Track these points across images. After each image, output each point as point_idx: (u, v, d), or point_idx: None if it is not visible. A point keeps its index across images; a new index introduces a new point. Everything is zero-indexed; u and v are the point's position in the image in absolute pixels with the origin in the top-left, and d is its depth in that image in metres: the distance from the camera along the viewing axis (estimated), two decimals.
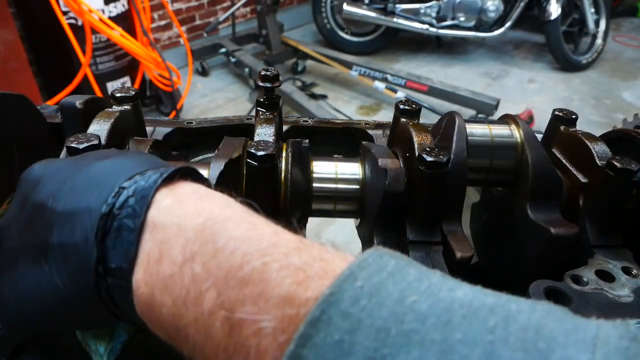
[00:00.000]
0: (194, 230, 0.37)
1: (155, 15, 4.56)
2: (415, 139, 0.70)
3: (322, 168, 0.75)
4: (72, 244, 0.39)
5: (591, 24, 4.95)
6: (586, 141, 0.71)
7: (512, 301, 0.30)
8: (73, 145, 0.61)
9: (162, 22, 4.72)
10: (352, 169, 0.75)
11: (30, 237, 0.42)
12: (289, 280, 0.33)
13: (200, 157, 0.95)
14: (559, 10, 4.65)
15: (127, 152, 0.50)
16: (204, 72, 4.87)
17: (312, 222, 0.78)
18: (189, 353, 0.36)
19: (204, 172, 0.63)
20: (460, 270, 0.64)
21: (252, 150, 0.64)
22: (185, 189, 0.42)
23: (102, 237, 0.38)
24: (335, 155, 0.91)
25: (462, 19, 4.83)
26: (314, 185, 0.74)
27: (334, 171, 0.75)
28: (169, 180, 0.41)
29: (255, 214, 0.41)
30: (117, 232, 0.38)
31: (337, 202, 0.76)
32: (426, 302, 0.29)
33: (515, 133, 0.75)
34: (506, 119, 0.78)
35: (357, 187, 0.74)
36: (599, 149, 0.70)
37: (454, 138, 0.69)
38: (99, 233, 0.38)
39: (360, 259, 0.32)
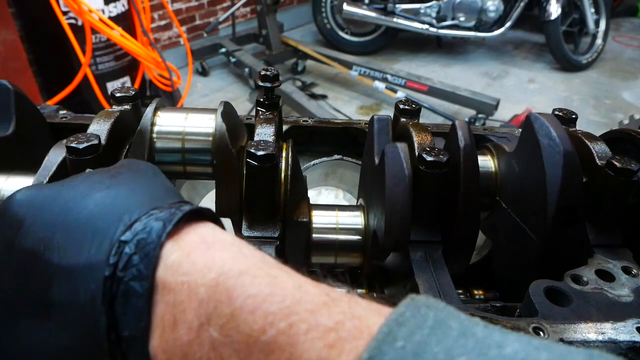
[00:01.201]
0: (207, 288, 0.34)
1: (155, 15, 4.55)
2: (415, 139, 0.71)
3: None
4: (76, 304, 0.37)
5: (591, 24, 4.95)
6: (586, 141, 0.71)
7: (569, 356, 0.27)
8: (73, 145, 0.61)
9: (162, 22, 4.72)
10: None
11: (26, 291, 0.39)
12: (319, 344, 0.29)
13: None
14: (559, 10, 4.65)
15: (121, 172, 0.45)
16: (204, 72, 4.87)
17: None
18: None
19: None
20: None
21: (252, 150, 0.63)
22: (192, 238, 0.38)
23: (109, 302, 0.36)
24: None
25: (462, 19, 4.83)
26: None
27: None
28: (173, 228, 0.38)
29: (272, 261, 0.37)
30: (125, 297, 0.35)
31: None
32: None
33: (490, 163, 0.76)
34: (483, 150, 0.80)
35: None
36: (599, 149, 0.70)
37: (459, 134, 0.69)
38: (106, 298, 0.35)
39: (397, 313, 0.29)
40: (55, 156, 0.65)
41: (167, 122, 0.72)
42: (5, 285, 0.40)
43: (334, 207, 0.80)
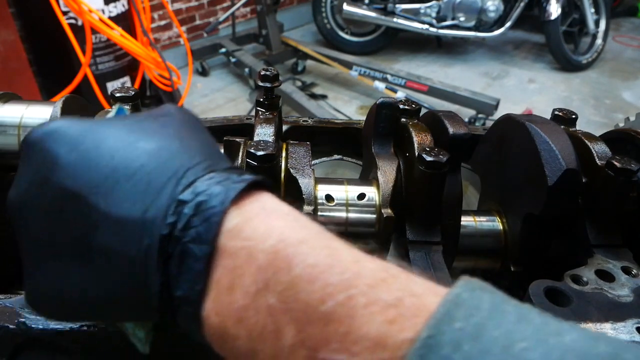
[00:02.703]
0: (266, 254, 0.34)
1: (155, 15, 4.55)
2: (415, 139, 0.70)
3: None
4: (125, 255, 0.36)
5: (591, 24, 4.95)
6: (586, 141, 0.71)
7: (626, 349, 0.26)
8: None
9: (162, 22, 4.72)
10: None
11: (63, 231, 0.38)
12: (379, 319, 0.29)
13: None
14: (559, 10, 4.65)
15: (168, 122, 0.43)
16: (204, 72, 4.87)
17: None
18: None
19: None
20: None
21: (252, 150, 0.63)
22: (253, 205, 0.37)
23: (164, 260, 0.35)
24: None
25: (462, 19, 4.83)
26: None
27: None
28: (236, 196, 0.37)
29: (329, 234, 0.36)
30: (181, 258, 0.35)
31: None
32: (537, 351, 0.25)
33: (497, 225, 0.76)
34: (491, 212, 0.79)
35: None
36: (599, 149, 0.70)
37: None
38: (162, 257, 0.35)
39: (454, 294, 0.29)
40: None
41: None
42: (38, 220, 0.39)
43: (342, 181, 0.77)
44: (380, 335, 0.28)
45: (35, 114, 0.72)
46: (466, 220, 0.76)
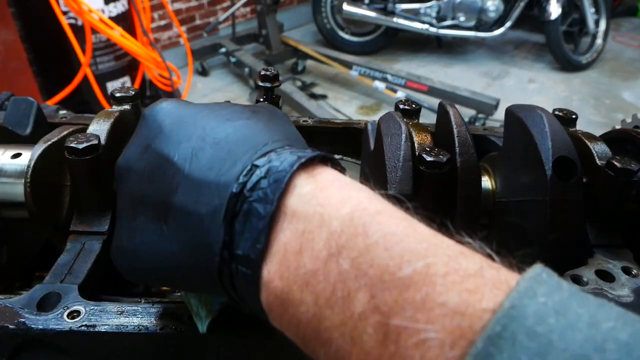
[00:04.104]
0: (341, 221, 0.33)
1: (155, 15, 4.55)
2: (415, 139, 0.70)
3: None
4: (196, 214, 0.38)
5: (591, 24, 4.95)
6: (586, 141, 0.71)
7: None
8: (72, 145, 0.61)
9: (162, 22, 4.72)
10: None
11: (150, 190, 0.41)
12: (458, 287, 0.28)
13: None
14: (559, 10, 4.65)
15: (259, 110, 0.46)
16: (204, 72, 4.87)
17: None
18: (328, 358, 0.32)
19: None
20: None
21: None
22: (327, 175, 0.38)
23: (230, 218, 0.36)
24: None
25: (462, 19, 4.83)
26: None
27: None
28: (307, 164, 0.38)
29: (407, 212, 0.36)
30: (246, 216, 0.36)
31: None
32: (625, 331, 0.24)
33: (487, 184, 0.75)
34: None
35: None
36: (599, 149, 0.70)
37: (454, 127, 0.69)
38: (228, 214, 0.36)
39: (535, 273, 0.28)
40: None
41: None
42: (134, 181, 0.43)
43: None
44: (459, 304, 0.27)
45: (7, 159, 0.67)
46: None
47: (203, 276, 0.39)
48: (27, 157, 0.66)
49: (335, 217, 0.33)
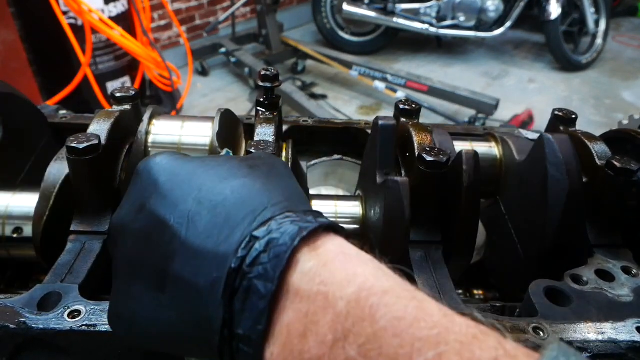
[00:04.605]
0: (347, 302, 0.31)
1: (155, 15, 4.55)
2: (415, 139, 0.71)
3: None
4: (194, 286, 0.36)
5: (591, 24, 4.95)
6: (586, 141, 0.71)
7: None
8: (73, 145, 0.61)
9: (162, 22, 4.72)
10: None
11: (147, 255, 0.40)
12: None
13: None
14: (559, 10, 4.65)
15: (257, 164, 0.44)
16: (204, 72, 4.87)
17: None
18: None
19: None
20: None
21: (252, 150, 0.63)
22: (330, 247, 0.36)
23: (230, 295, 0.35)
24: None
25: (462, 19, 4.82)
26: None
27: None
28: (309, 236, 0.36)
29: (414, 286, 0.34)
30: (246, 294, 0.34)
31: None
32: None
33: (494, 150, 0.76)
34: (487, 137, 0.80)
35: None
36: (599, 149, 0.70)
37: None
38: (227, 291, 0.34)
39: (550, 357, 0.27)
40: (57, 171, 0.66)
41: (162, 131, 0.73)
42: (130, 243, 0.42)
43: (333, 197, 0.80)
44: None
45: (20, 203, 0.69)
46: None
47: (203, 348, 0.38)
48: None
49: (340, 297, 0.32)
